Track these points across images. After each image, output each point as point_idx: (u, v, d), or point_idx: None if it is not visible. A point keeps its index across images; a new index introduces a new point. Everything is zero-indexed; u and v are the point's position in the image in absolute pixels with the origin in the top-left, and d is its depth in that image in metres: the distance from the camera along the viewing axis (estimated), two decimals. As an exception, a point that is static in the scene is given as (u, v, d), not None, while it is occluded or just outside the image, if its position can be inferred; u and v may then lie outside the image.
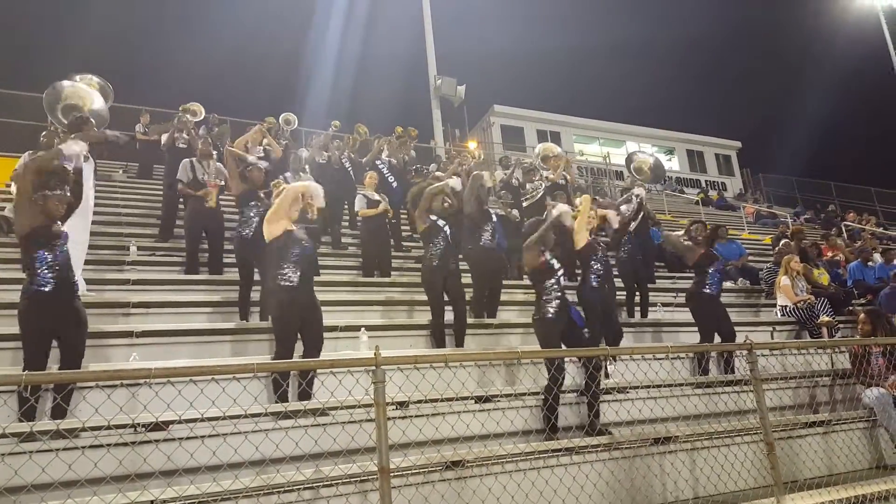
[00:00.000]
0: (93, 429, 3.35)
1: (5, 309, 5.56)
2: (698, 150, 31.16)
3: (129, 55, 33.34)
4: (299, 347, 5.04)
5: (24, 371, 3.77)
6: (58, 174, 4.36)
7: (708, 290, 6.77)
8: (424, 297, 7.35)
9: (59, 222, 4.37)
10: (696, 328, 6.89)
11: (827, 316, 8.57)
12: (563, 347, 5.20)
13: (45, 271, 4.18)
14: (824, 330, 8.43)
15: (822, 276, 9.88)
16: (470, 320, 6.87)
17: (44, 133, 8.91)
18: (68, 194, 4.42)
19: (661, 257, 10.76)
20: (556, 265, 5.46)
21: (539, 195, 10.60)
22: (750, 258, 11.83)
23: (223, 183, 7.72)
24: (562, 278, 5.50)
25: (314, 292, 5.20)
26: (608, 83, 43.97)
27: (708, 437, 5.01)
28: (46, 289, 4.16)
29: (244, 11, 34.74)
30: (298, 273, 4.95)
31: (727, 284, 10.42)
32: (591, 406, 5.12)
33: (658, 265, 10.41)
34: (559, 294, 5.33)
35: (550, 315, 5.28)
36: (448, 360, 3.85)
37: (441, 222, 6.58)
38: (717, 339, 6.62)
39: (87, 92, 6.54)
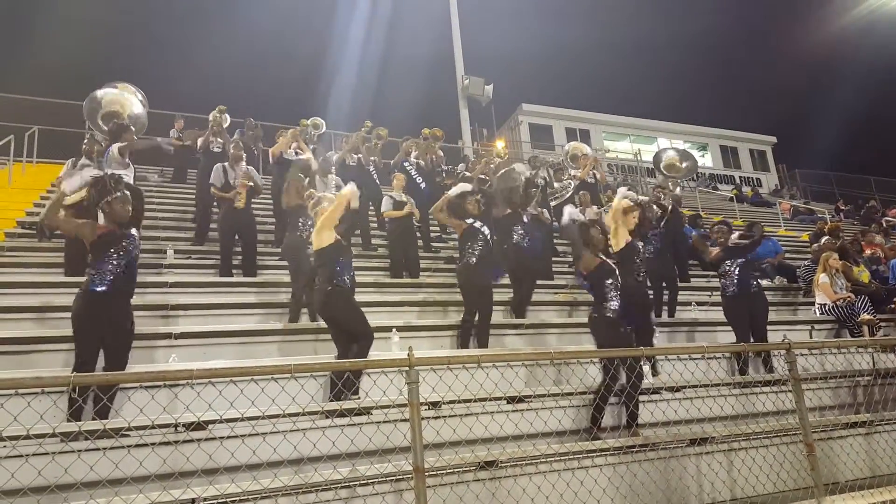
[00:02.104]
0: (137, 428, 3.44)
1: (52, 311, 5.77)
2: (732, 145, 30.58)
3: (163, 61, 34.06)
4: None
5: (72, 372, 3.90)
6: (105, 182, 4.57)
7: (731, 291, 6.64)
8: (454, 298, 7.38)
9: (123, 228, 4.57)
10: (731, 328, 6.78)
11: (868, 314, 8.36)
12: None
13: (105, 276, 4.36)
14: (865, 328, 8.23)
15: (863, 274, 9.64)
16: (502, 320, 6.89)
17: (85, 140, 9.14)
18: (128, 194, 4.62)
19: (696, 255, 10.61)
20: (612, 264, 5.44)
21: (568, 195, 10.57)
22: (787, 256, 11.60)
23: (252, 185, 7.81)
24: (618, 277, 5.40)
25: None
26: (638, 80, 43.48)
27: (745, 437, 4.93)
28: (100, 289, 4.34)
29: (270, 13, 35.15)
30: (348, 278, 5.20)
31: (763, 283, 10.24)
32: (627, 407, 5.09)
33: (692, 263, 10.27)
34: (618, 293, 5.29)
35: (610, 314, 5.24)
36: (481, 360, 3.87)
37: (478, 224, 6.57)
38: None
39: (125, 98, 6.72)
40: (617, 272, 5.40)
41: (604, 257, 5.44)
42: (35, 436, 3.15)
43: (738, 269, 6.65)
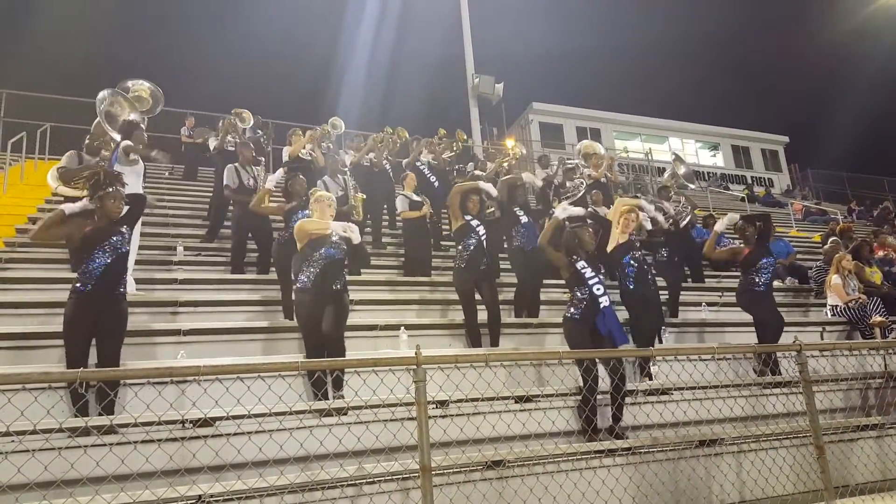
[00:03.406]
0: (144, 424, 3.45)
1: (59, 307, 5.79)
2: (744, 145, 30.40)
3: (174, 59, 34.23)
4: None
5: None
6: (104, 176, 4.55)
7: (760, 288, 6.50)
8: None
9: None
10: (741, 328, 6.71)
11: (880, 316, 8.28)
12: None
13: (91, 274, 4.32)
14: (877, 330, 8.15)
15: (875, 275, 9.54)
16: (509, 319, 6.86)
17: (88, 136, 9.15)
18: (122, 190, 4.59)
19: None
20: (588, 273, 5.18)
21: (580, 194, 10.50)
22: (798, 256, 11.50)
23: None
24: (597, 283, 5.16)
25: (337, 296, 5.09)
26: (649, 79, 43.34)
27: (755, 439, 4.89)
28: (85, 289, 4.31)
29: (282, 12, 35.30)
30: (313, 277, 5.02)
31: (775, 283, 10.14)
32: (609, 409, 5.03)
33: (703, 263, 10.19)
34: (586, 297, 5.13)
35: (571, 315, 5.15)
36: (488, 359, 3.85)
37: (475, 222, 6.51)
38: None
39: (127, 102, 6.78)
40: (592, 280, 5.18)
41: (578, 265, 5.22)
42: (42, 431, 3.16)
43: (767, 267, 6.53)
